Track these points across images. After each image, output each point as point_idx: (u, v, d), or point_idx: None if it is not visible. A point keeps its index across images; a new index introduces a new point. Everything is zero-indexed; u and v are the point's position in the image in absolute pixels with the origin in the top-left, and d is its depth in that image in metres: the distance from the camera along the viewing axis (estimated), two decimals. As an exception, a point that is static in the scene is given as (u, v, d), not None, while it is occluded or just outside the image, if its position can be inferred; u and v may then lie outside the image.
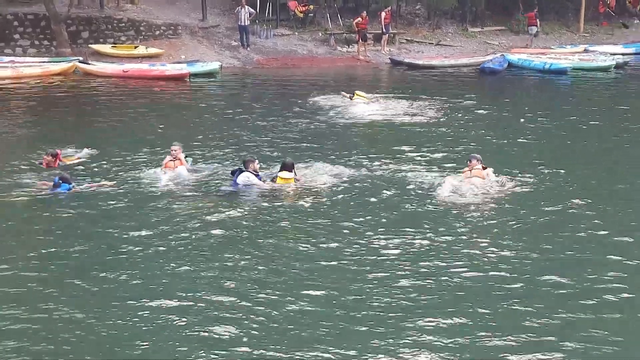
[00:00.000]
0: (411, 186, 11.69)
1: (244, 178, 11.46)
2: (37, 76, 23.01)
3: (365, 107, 18.62)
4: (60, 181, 11.23)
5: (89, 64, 24.39)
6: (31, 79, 22.61)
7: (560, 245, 9.29)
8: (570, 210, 10.60)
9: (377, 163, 13.16)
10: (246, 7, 27.78)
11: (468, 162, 11.71)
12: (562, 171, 12.64)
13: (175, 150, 12.48)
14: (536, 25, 31.44)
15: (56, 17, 25.37)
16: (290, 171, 11.65)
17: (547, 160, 13.51)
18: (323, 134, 16.03)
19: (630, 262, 8.76)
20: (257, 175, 11.53)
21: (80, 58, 24.72)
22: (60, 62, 24.36)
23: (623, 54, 29.03)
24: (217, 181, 12.06)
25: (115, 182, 11.76)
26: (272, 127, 16.59)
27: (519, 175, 12.00)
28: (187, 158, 12.68)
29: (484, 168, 11.60)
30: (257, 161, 11.86)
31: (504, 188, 11.38)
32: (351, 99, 19.28)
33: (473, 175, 11.48)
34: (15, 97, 20.37)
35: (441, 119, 17.37)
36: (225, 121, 17.46)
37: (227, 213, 10.51)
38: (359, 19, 28.57)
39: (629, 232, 9.73)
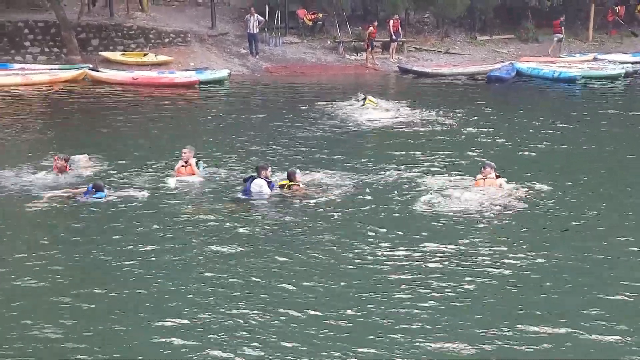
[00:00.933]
0: (421, 193, 11.64)
1: (256, 186, 11.44)
2: (46, 83, 23.12)
3: (374, 114, 18.68)
4: (94, 189, 11.21)
5: (99, 71, 24.47)
6: (40, 86, 22.71)
7: (571, 255, 9.24)
8: (581, 220, 10.54)
9: (386, 169, 13.17)
10: (255, 15, 27.88)
11: (482, 169, 11.64)
12: (573, 180, 12.60)
13: (185, 154, 12.48)
14: (561, 33, 31.54)
15: (66, 24, 25.50)
16: (291, 180, 11.63)
17: (557, 168, 13.49)
18: (333, 140, 16.06)
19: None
20: (269, 182, 11.51)
21: (90, 65, 24.81)
22: (69, 69, 24.46)
23: (632, 63, 28.95)
24: (228, 188, 12.06)
25: (144, 192, 11.71)
26: (281, 133, 16.62)
27: (529, 183, 11.94)
28: (198, 162, 12.65)
29: (498, 177, 11.54)
30: (269, 168, 11.84)
31: (515, 198, 11.30)
32: (363, 105, 19.44)
33: (486, 185, 11.42)
34: (24, 104, 20.43)
35: (449, 127, 17.37)
36: (235, 128, 17.48)
37: (238, 220, 10.54)
38: (371, 28, 28.58)
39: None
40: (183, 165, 12.49)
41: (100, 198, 11.17)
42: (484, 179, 11.50)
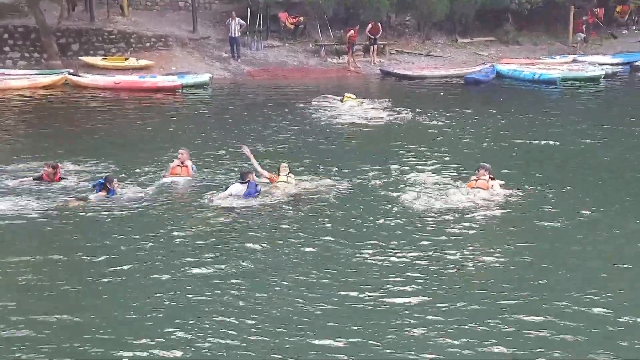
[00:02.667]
0: (408, 193, 11.70)
1: (233, 189, 11.52)
2: (25, 88, 22.85)
3: (356, 115, 18.95)
4: (104, 180, 11.44)
5: (80, 76, 24.30)
6: (20, 92, 22.45)
7: (553, 256, 9.28)
8: (568, 220, 10.57)
9: (372, 169, 13.27)
10: (237, 18, 27.85)
11: (477, 171, 11.73)
12: (558, 180, 12.66)
13: (182, 155, 12.68)
14: (583, 32, 32.17)
15: (46, 29, 25.32)
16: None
17: (541, 168, 13.56)
18: (316, 140, 16.16)
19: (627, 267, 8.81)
20: (255, 186, 11.53)
21: (71, 70, 24.64)
22: (49, 74, 24.27)
23: (612, 64, 29.25)
24: (214, 191, 12.02)
25: (137, 193, 11.79)
26: (266, 135, 16.65)
27: (516, 185, 11.96)
28: (192, 166, 12.86)
29: (492, 179, 11.60)
30: (254, 173, 11.86)
31: (503, 199, 11.33)
32: (342, 102, 20.06)
33: (477, 186, 11.50)
34: (3, 109, 20.15)
35: (432, 128, 17.53)
36: (221, 130, 17.47)
37: (221, 222, 10.54)
38: (352, 31, 28.69)
39: (625, 241, 9.79)
40: (179, 165, 12.66)
41: (99, 184, 11.39)
42: (476, 180, 11.58)
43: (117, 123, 18.47)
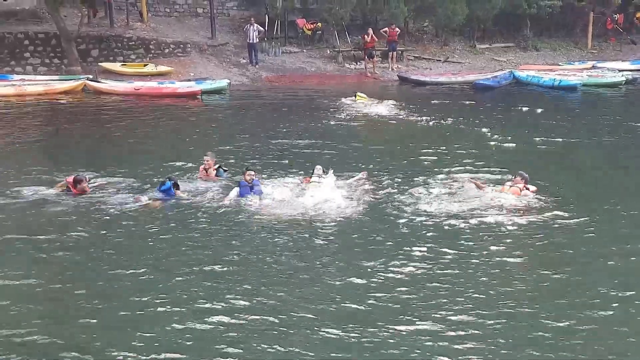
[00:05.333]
0: (430, 196, 11.68)
1: (232, 193, 11.71)
2: (41, 94, 22.93)
3: (374, 119, 19.18)
4: (167, 179, 11.77)
5: (99, 81, 24.45)
6: (36, 98, 22.51)
7: (579, 267, 9.17)
8: (580, 230, 10.41)
9: (393, 171, 13.30)
10: (255, 25, 27.98)
11: (513, 177, 11.79)
12: (580, 188, 12.58)
13: (207, 161, 12.90)
14: None
15: (67, 35, 25.51)
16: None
17: (566, 178, 13.46)
18: (335, 144, 16.15)
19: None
20: (246, 185, 11.65)
21: (90, 76, 24.80)
22: (67, 80, 24.45)
23: (631, 70, 29.05)
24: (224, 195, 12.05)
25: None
26: (285, 140, 16.70)
27: (545, 192, 11.87)
28: (219, 168, 12.95)
29: (527, 188, 11.57)
30: (249, 172, 11.90)
31: (531, 206, 11.26)
32: (354, 100, 21.00)
33: (509, 192, 11.52)
34: (20, 115, 20.17)
35: (451, 132, 17.55)
36: (241, 136, 17.45)
37: (227, 224, 10.57)
38: (366, 37, 28.76)
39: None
40: (204, 171, 12.91)
41: (167, 189, 11.63)
42: (510, 185, 11.63)
43: (138, 129, 18.45)
